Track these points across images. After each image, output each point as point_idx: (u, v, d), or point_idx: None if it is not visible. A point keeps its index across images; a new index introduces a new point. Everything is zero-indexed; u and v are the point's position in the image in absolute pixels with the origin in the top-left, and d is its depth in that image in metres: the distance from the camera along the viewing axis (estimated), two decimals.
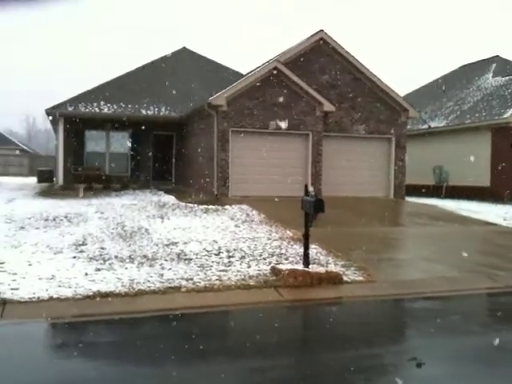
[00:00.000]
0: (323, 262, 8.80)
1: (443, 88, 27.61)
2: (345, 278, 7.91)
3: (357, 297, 7.46)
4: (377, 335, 5.92)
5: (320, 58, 18.74)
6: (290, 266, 8.01)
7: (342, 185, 18.31)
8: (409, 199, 19.59)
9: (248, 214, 13.55)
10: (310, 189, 8.24)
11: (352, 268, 8.54)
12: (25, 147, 53.13)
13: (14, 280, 7.12)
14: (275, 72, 17.51)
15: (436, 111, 26.16)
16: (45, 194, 20.14)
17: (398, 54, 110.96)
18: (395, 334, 6.23)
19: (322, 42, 18.64)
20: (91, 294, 6.73)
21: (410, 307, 7.51)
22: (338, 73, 18.94)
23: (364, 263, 8.78)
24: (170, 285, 7.26)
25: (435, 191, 22.82)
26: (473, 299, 7.85)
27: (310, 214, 7.78)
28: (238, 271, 8.10)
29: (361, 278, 8.07)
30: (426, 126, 24.78)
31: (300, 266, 7.95)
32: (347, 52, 18.84)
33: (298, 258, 8.66)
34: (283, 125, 17.58)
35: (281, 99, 17.68)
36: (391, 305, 7.50)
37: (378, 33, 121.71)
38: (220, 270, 8.12)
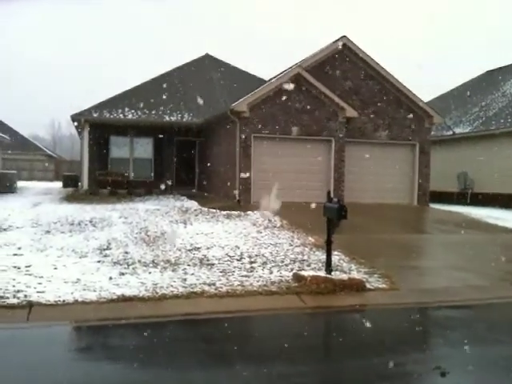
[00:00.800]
0: (346, 268, 8.75)
1: (468, 94, 27.25)
2: (368, 286, 7.85)
3: (380, 304, 7.40)
4: (400, 343, 5.86)
5: (343, 64, 18.71)
6: (312, 273, 7.98)
7: (365, 191, 18.20)
8: (433, 206, 19.36)
9: (270, 220, 13.55)
10: (333, 195, 8.21)
11: (375, 275, 8.47)
12: (50, 152, 54.02)
13: (40, 283, 7.24)
14: (297, 78, 17.52)
15: (461, 117, 25.83)
16: (70, 198, 20.45)
17: (423, 59, 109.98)
18: (419, 343, 6.15)
19: (344, 47, 18.60)
20: (115, 297, 6.81)
21: (434, 315, 7.41)
22: (360, 78, 18.88)
23: (387, 270, 8.70)
24: (192, 290, 7.30)
25: (460, 198, 22.50)
26: (499, 308, 7.70)
27: (332, 220, 7.75)
28: (260, 277, 8.11)
29: (384, 286, 8.00)
30: (450, 133, 24.47)
31: (322, 273, 7.92)
32: (370, 57, 18.77)
33: (321, 265, 8.63)
34: (305, 130, 17.56)
35: (303, 105, 17.69)
36: (415, 313, 7.40)
37: (402, 38, 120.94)
38: (242, 276, 8.13)
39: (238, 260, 9.17)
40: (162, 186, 20.55)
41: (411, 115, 19.21)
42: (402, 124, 19.19)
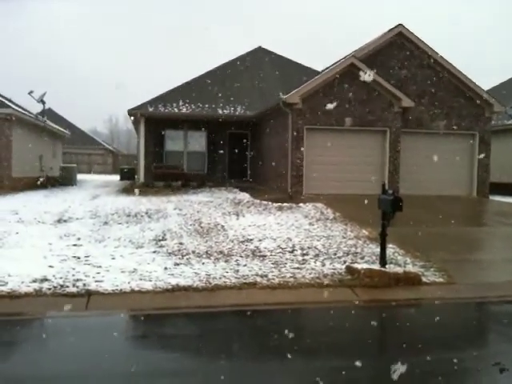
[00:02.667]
0: (401, 262, 8.56)
1: None
2: (424, 279, 7.66)
3: (436, 298, 7.19)
4: (458, 339, 5.68)
5: (398, 53, 18.23)
6: (365, 266, 7.86)
7: (421, 183, 17.70)
8: (493, 198, 18.62)
9: (322, 212, 13.44)
10: (388, 187, 8.04)
11: (431, 269, 8.25)
12: (108, 146, 55.69)
13: (99, 273, 7.49)
14: (351, 68, 17.23)
15: None
16: (127, 191, 21.03)
17: (484, 45, 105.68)
18: (477, 338, 5.95)
19: (400, 36, 18.12)
20: (170, 287, 6.95)
21: (493, 311, 7.14)
22: (417, 67, 18.34)
23: (444, 264, 8.46)
24: (245, 281, 7.35)
25: None
26: None
27: (387, 212, 7.59)
28: (313, 269, 8.06)
29: (441, 280, 7.78)
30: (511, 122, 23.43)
31: (376, 266, 7.78)
32: (427, 45, 18.19)
33: (374, 258, 8.49)
34: (359, 121, 17.28)
35: (357, 95, 17.39)
36: (473, 308, 7.16)
37: (461, 22, 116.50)
38: (294, 268, 8.11)
39: (290, 252, 9.16)
40: (215, 179, 20.76)
41: (470, 104, 18.51)
42: (461, 113, 18.53)
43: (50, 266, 7.73)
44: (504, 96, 23.90)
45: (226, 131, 23.77)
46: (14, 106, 20.76)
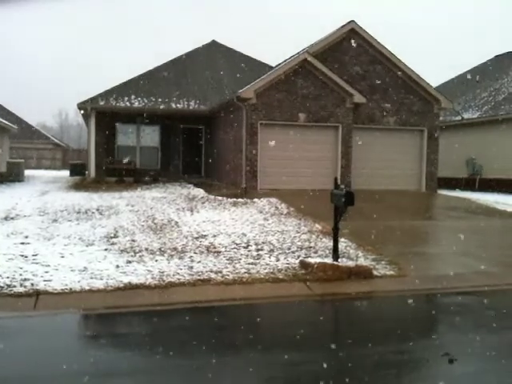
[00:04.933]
0: (353, 255, 8.71)
1: (477, 78, 26.91)
2: (375, 273, 7.81)
3: (388, 291, 7.36)
4: (408, 330, 5.82)
5: (350, 49, 18.49)
6: (319, 260, 7.95)
7: (373, 178, 18.08)
8: (441, 192, 19.23)
9: (277, 207, 13.51)
10: (340, 182, 8.14)
11: (383, 262, 8.42)
12: (58, 141, 54.11)
13: (47, 272, 7.26)
14: (304, 64, 17.36)
15: (469, 102, 25.55)
16: (77, 187, 20.49)
17: (430, 44, 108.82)
18: (427, 330, 6.11)
19: (352, 32, 18.39)
20: (122, 285, 6.82)
21: (442, 302, 7.35)
22: (368, 64, 18.67)
23: (395, 257, 8.66)
24: (199, 277, 7.29)
25: (468, 184, 22.34)
26: (508, 294, 7.64)
27: (339, 207, 7.70)
28: (267, 264, 8.08)
29: (392, 273, 7.96)
30: (458, 118, 24.22)
31: (329, 260, 7.88)
32: (378, 42, 18.54)
33: (328, 252, 8.59)
34: (312, 117, 17.46)
35: (310, 91, 17.55)
36: (423, 300, 7.36)
37: (410, 22, 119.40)
38: (249, 263, 8.11)
39: (244, 247, 9.15)
40: (169, 174, 20.52)
41: (420, 100, 19.02)
42: (411, 109, 19.01)
43: None
44: (451, 93, 24.69)
45: (180, 126, 23.53)
46: None
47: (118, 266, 7.69)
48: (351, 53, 18.52)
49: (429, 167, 19.18)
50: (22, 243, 9.09)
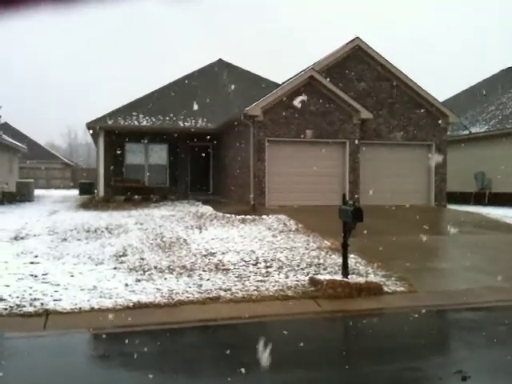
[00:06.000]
0: (363, 272, 8.65)
1: (484, 93, 26.92)
2: (385, 289, 7.75)
3: (398, 308, 7.30)
4: (420, 347, 5.75)
5: (356, 66, 18.61)
6: (328, 277, 7.91)
7: (381, 193, 17.99)
8: (450, 207, 19.12)
9: (285, 224, 13.48)
10: (348, 197, 8.14)
11: (393, 278, 8.36)
12: (67, 160, 54.59)
13: (57, 291, 7.27)
14: (311, 81, 17.47)
15: (477, 116, 25.53)
16: (86, 206, 20.59)
17: (437, 59, 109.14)
18: (439, 346, 6.04)
19: (357, 48, 18.51)
20: (131, 304, 6.81)
21: (454, 318, 7.28)
22: (374, 79, 18.75)
23: (405, 273, 8.59)
24: (208, 295, 7.27)
25: (477, 198, 22.19)
26: None
27: (348, 223, 7.67)
28: (276, 282, 8.05)
29: (402, 289, 7.89)
30: (466, 132, 24.20)
31: (339, 277, 7.84)
32: (384, 58, 18.64)
33: (337, 268, 8.54)
34: (319, 133, 17.51)
35: (317, 108, 17.62)
36: (434, 316, 7.29)
37: (416, 38, 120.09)
38: (258, 281, 8.08)
39: (253, 265, 9.13)
40: (178, 192, 20.59)
41: (426, 115, 19.03)
42: (418, 124, 19.02)
43: (6, 286, 7.46)
44: (459, 108, 24.68)
45: (188, 144, 23.66)
46: None
47: (127, 285, 7.69)
48: (357, 69, 18.62)
49: (437, 182, 19.11)
50: (32, 263, 9.13)
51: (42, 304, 6.70)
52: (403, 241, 11.74)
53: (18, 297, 6.96)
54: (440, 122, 19.19)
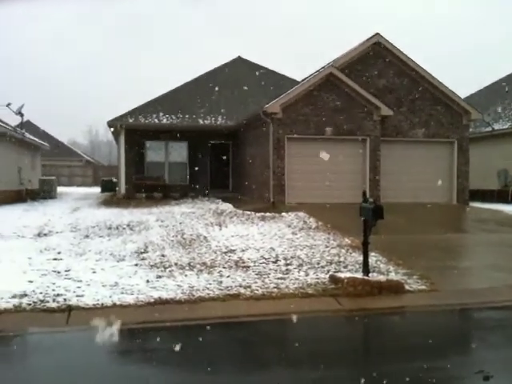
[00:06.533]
0: (383, 270, 8.60)
1: (507, 89, 26.46)
2: (406, 287, 7.69)
3: (419, 306, 7.24)
4: (441, 346, 5.70)
5: (376, 62, 18.46)
6: (349, 275, 7.88)
7: (402, 191, 17.87)
8: (472, 204, 18.87)
9: (305, 221, 13.46)
10: (369, 195, 8.09)
11: (414, 276, 8.29)
12: (88, 158, 55.23)
13: (79, 287, 7.37)
14: (330, 77, 17.39)
15: (500, 113, 25.11)
16: (108, 203, 20.84)
17: (458, 55, 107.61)
18: (461, 346, 5.98)
19: (377, 45, 18.36)
20: (152, 300, 6.87)
21: (476, 317, 7.20)
22: (395, 76, 18.59)
23: (427, 271, 8.51)
24: (228, 292, 7.30)
25: (500, 196, 21.85)
26: None
27: (368, 221, 7.63)
28: (296, 279, 8.05)
29: (423, 287, 7.82)
30: (489, 129, 23.82)
31: (359, 275, 7.80)
32: (404, 54, 18.46)
33: (358, 266, 8.51)
34: (339, 130, 17.43)
35: (336, 105, 17.54)
36: (456, 315, 7.22)
37: (437, 34, 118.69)
38: (278, 278, 8.09)
39: (273, 262, 9.14)
40: (197, 189, 20.70)
41: (448, 112, 18.80)
42: (439, 121, 18.80)
43: (30, 281, 7.59)
44: (481, 104, 24.31)
45: (208, 141, 23.77)
46: None
47: (148, 281, 7.76)
48: (377, 65, 18.48)
49: (459, 179, 18.88)
50: (55, 259, 9.27)
51: (64, 300, 6.80)
52: (424, 239, 11.64)
53: (41, 292, 7.08)
54: (462, 118, 18.94)
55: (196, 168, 23.60)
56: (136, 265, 8.87)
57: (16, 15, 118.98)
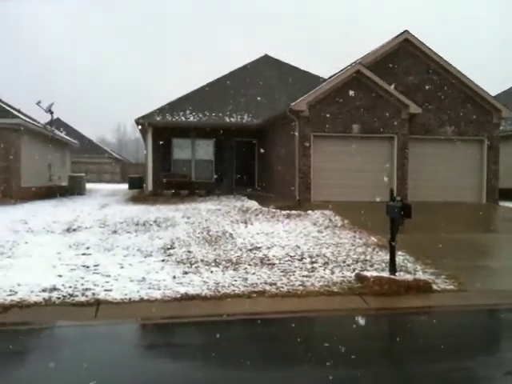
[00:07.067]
0: (411, 269, 8.51)
1: None
2: (434, 287, 7.60)
3: (447, 306, 7.14)
4: (469, 347, 5.62)
5: (405, 59, 18.23)
6: (375, 273, 7.81)
7: (430, 189, 17.63)
8: (503, 204, 18.49)
9: (331, 220, 13.40)
10: (396, 193, 8.00)
11: (442, 276, 8.18)
12: (116, 155, 55.96)
13: (108, 282, 7.49)
14: (357, 75, 17.25)
15: None
16: (135, 199, 21.10)
17: (489, 52, 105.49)
18: (489, 346, 5.87)
19: (406, 42, 18.13)
20: (179, 296, 6.94)
21: (505, 318, 7.05)
22: (423, 73, 18.32)
23: (455, 271, 8.39)
24: (253, 289, 7.32)
25: None
26: None
27: (395, 219, 7.55)
28: (322, 277, 8.02)
29: (451, 287, 7.72)
30: None
31: (386, 274, 7.73)
32: (433, 52, 18.18)
33: (384, 265, 8.43)
34: (366, 128, 17.29)
35: (364, 102, 17.39)
36: (484, 315, 7.09)
37: (467, 30, 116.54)
38: (303, 276, 8.08)
39: (298, 260, 9.12)
40: (223, 187, 20.77)
41: (478, 110, 18.46)
42: (469, 119, 18.47)
43: (59, 276, 7.75)
44: (510, 102, 23.78)
45: (234, 139, 23.84)
46: (22, 117, 20.92)
47: (174, 277, 7.84)
48: (405, 63, 18.25)
49: (489, 178, 18.52)
50: (84, 254, 9.44)
51: (93, 294, 6.93)
52: (453, 238, 11.46)
53: (70, 286, 7.21)
54: (492, 116, 18.57)
55: (222, 165, 23.72)
56: (163, 260, 8.97)
57: (44, 13, 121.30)
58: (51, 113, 25.89)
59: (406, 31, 18.17)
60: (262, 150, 23.59)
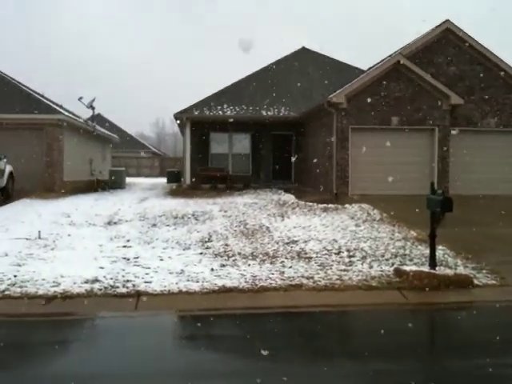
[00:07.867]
0: (451, 264, 8.34)
1: None
2: (475, 282, 7.43)
3: (489, 301, 6.96)
4: (511, 343, 5.47)
5: (446, 49, 17.80)
6: (414, 268, 7.70)
7: (472, 182, 17.19)
8: None
9: (369, 213, 13.25)
10: (437, 186, 7.84)
11: (484, 271, 7.99)
12: (155, 150, 56.81)
13: (147, 274, 7.63)
14: (397, 66, 16.95)
15: None
16: (174, 193, 21.39)
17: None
18: None
19: (448, 32, 17.69)
20: (217, 288, 7.01)
21: None
22: (465, 63, 17.85)
23: (497, 266, 8.17)
24: (290, 282, 7.33)
25: None
26: None
27: (436, 213, 7.41)
28: (360, 271, 7.95)
29: (494, 282, 7.53)
30: None
31: (426, 268, 7.61)
32: (476, 41, 17.69)
33: (424, 260, 8.29)
34: (405, 120, 16.98)
35: (403, 94, 17.08)
36: None
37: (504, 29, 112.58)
38: (341, 270, 8.03)
39: (336, 254, 9.07)
40: (260, 180, 20.80)
41: None
42: None
43: (101, 267, 7.94)
44: None
45: (270, 133, 23.82)
46: (64, 112, 21.47)
47: (212, 270, 7.92)
48: (447, 53, 17.81)
49: None
50: (124, 246, 9.64)
51: (133, 285, 7.07)
52: (496, 233, 11.15)
53: (111, 278, 7.38)
54: None
55: (259, 159, 23.75)
56: (201, 253, 9.07)
57: (90, 14, 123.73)
58: (92, 108, 26.44)
59: (447, 20, 17.73)
60: (299, 143, 23.51)
